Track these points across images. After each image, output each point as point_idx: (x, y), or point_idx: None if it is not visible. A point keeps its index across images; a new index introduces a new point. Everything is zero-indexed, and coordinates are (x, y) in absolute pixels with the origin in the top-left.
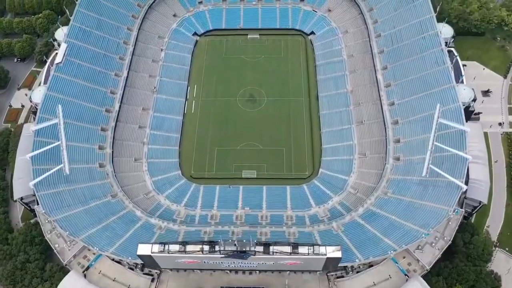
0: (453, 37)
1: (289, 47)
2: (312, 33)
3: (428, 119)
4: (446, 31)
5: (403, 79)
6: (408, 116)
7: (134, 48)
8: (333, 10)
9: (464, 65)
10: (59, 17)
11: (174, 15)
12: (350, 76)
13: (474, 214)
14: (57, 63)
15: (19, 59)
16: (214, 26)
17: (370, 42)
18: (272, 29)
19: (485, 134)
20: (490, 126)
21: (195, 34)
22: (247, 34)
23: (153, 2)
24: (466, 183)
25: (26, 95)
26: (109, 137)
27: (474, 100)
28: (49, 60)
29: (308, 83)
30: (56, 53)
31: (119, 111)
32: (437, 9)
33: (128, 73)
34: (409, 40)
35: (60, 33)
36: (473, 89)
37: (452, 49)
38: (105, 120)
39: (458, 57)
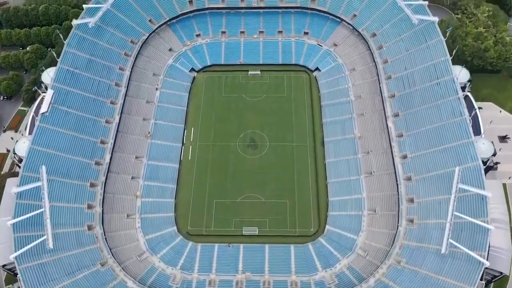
0: (469, 80)
1: (293, 85)
2: (317, 69)
3: (444, 178)
4: (462, 74)
5: (416, 130)
6: (422, 173)
7: (126, 90)
8: (339, 45)
9: (479, 108)
10: (49, 49)
11: (170, 50)
12: (358, 120)
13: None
14: (42, 113)
15: (5, 97)
16: (212, 61)
17: (379, 83)
18: (274, 65)
19: (503, 185)
20: (510, 178)
21: (192, 70)
22: (248, 70)
23: (148, 37)
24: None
25: (12, 138)
26: (99, 193)
27: (494, 154)
28: (33, 108)
29: (313, 126)
30: (43, 98)
31: (110, 161)
32: (453, 53)
33: (120, 118)
34: (423, 85)
35: (47, 76)
36: (492, 142)
37: (469, 93)
38: (95, 174)
39: (477, 110)
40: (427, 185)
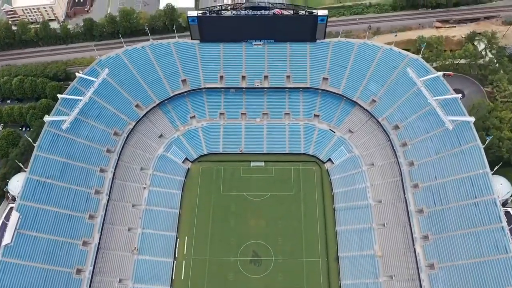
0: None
1: (302, 180)
2: (330, 160)
3: None
4: (503, 188)
5: (450, 262)
6: None
7: (109, 196)
8: (355, 131)
9: None
10: (22, 129)
11: (161, 136)
12: (378, 232)
13: None
14: (5, 244)
15: None
16: (209, 149)
17: (404, 190)
18: (280, 154)
19: None
20: None
21: (186, 160)
22: (250, 161)
23: (134, 126)
24: None
25: None
26: None
27: None
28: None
29: (326, 235)
30: (11, 208)
31: None
32: (494, 170)
33: (100, 234)
34: (457, 204)
35: (15, 184)
36: None
37: (510, 209)
38: None
39: None
40: None
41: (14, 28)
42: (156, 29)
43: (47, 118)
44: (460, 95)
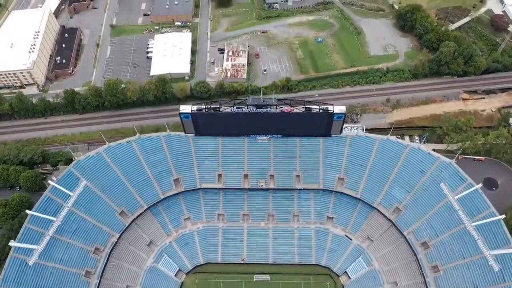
0: None
1: None
2: (345, 273)
3: None
4: None
5: None
6: None
7: None
8: (375, 240)
9: None
10: None
11: (150, 244)
12: None
13: None
14: None
15: None
16: (206, 258)
17: None
18: (289, 265)
19: None
20: None
21: (179, 271)
22: (253, 273)
23: (119, 238)
24: None
25: None
26: None
27: None
28: None
29: None
30: None
31: None
32: None
33: None
34: None
35: None
36: None
37: None
38: None
39: None
40: None
41: None
42: (146, 102)
43: (12, 244)
44: (503, 216)
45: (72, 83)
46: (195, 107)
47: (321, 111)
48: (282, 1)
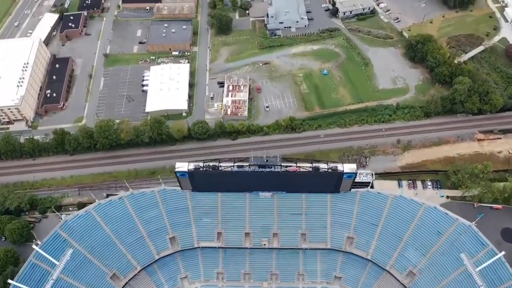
0: None
1: None
2: None
3: None
4: None
5: None
6: None
7: None
8: None
9: None
10: None
11: None
12: None
13: None
14: None
15: None
16: None
17: None
18: None
19: None
20: None
21: None
22: None
23: None
24: None
25: None
26: None
27: None
28: None
29: None
30: None
31: None
32: None
33: None
34: None
35: None
36: None
37: None
38: None
39: None
40: None
41: None
42: (141, 142)
43: None
44: None
45: (63, 118)
46: (192, 165)
47: (329, 170)
48: (284, 28)
